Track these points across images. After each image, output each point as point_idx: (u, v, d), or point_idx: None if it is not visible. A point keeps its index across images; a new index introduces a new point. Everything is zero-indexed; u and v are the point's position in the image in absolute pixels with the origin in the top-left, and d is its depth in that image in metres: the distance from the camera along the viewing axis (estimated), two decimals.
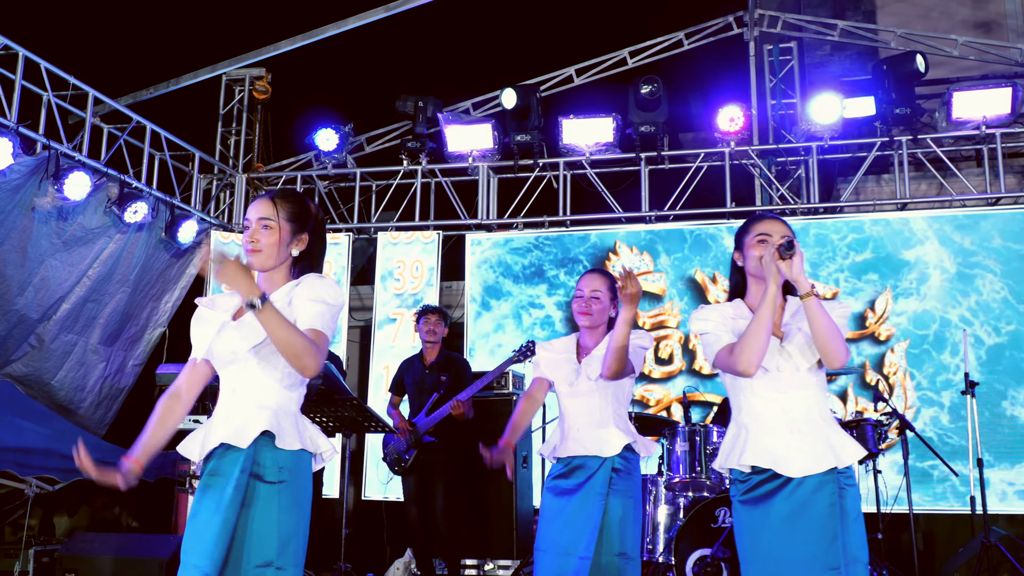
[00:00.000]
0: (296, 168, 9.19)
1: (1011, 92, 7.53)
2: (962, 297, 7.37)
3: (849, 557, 2.71)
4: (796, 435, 2.77)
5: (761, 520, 2.77)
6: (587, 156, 8.25)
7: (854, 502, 2.80)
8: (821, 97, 7.79)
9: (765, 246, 2.89)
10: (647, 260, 7.96)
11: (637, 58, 8.82)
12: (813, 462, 2.74)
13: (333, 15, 8.16)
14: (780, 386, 2.83)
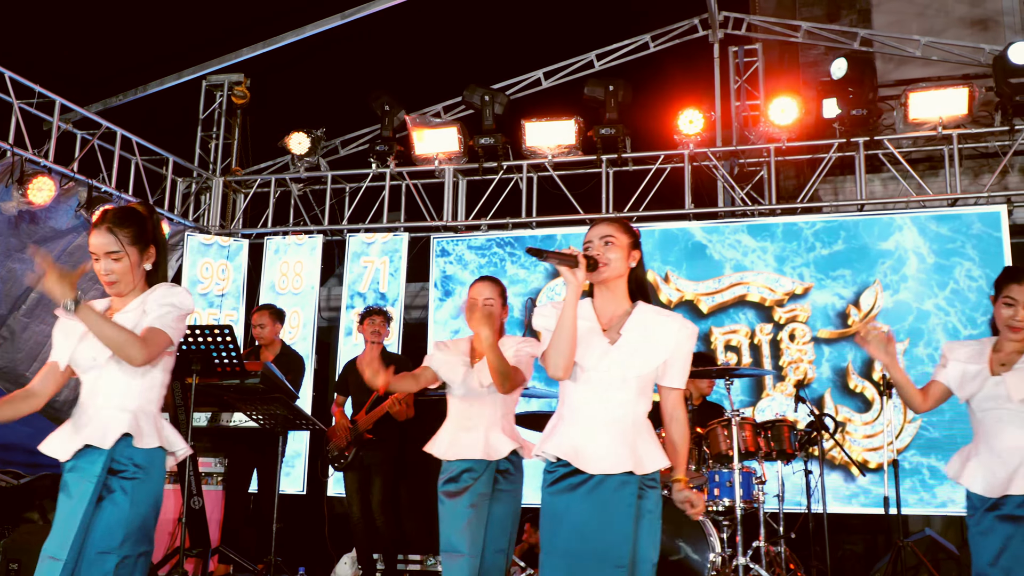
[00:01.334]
0: (273, 171, 9.40)
1: (967, 93, 7.51)
2: (939, 288, 7.34)
3: (639, 557, 2.81)
4: (604, 435, 2.86)
5: (562, 512, 2.86)
6: (549, 159, 8.35)
7: (654, 504, 2.89)
8: (780, 99, 7.83)
9: (592, 248, 3.01)
10: None
11: (604, 61, 8.91)
12: (612, 463, 2.83)
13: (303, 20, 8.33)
14: (600, 387, 2.91)
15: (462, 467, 3.76)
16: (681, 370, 2.97)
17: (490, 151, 8.42)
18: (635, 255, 3.05)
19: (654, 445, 2.91)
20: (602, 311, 3.02)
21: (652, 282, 7.90)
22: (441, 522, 3.78)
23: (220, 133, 9.34)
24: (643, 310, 3.01)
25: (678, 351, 2.95)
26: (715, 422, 5.30)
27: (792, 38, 8.51)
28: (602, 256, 2.97)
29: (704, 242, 7.90)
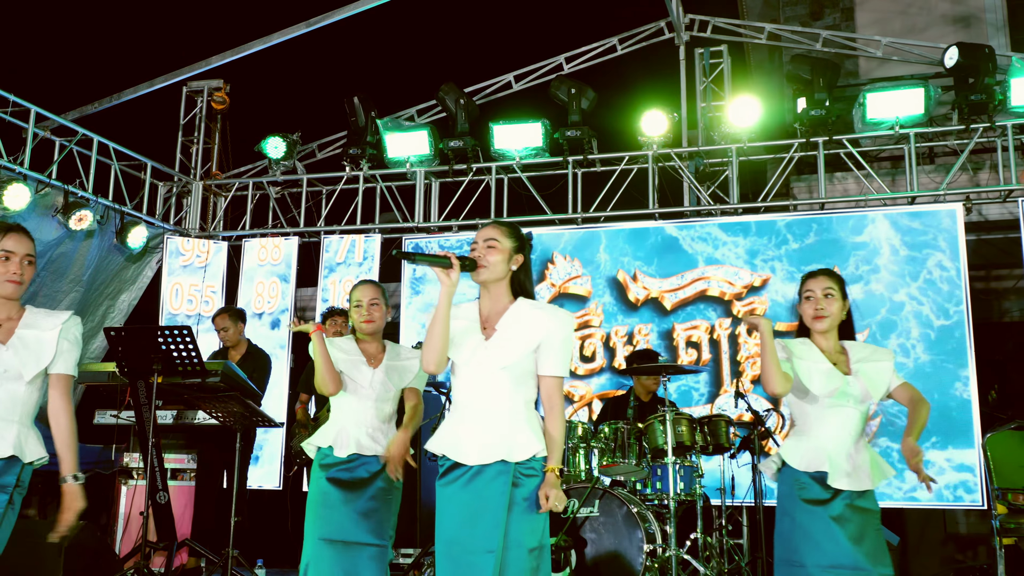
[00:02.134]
0: (253, 175, 9.60)
1: (923, 92, 7.62)
2: (911, 279, 7.45)
3: (511, 542, 2.93)
4: (480, 427, 3.00)
5: (445, 503, 3.01)
6: (517, 161, 8.52)
7: (532, 492, 3.03)
8: (739, 100, 7.97)
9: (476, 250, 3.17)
10: (576, 265, 8.21)
11: (572, 64, 9.07)
12: (486, 453, 2.97)
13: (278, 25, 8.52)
14: (475, 380, 3.06)
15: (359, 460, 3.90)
16: (555, 358, 3.07)
17: (460, 153, 8.60)
18: (518, 259, 3.16)
19: (531, 434, 3.01)
20: (485, 310, 3.17)
21: (622, 281, 8.06)
22: (324, 508, 3.89)
23: (200, 138, 9.55)
24: (520, 305, 3.13)
25: (550, 339, 3.05)
26: (652, 417, 5.45)
27: (756, 39, 8.64)
28: (482, 258, 3.13)
29: (676, 237, 8.02)
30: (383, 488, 3.90)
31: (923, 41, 8.95)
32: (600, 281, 8.14)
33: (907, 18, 12.11)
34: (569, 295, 8.20)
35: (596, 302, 8.10)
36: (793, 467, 3.56)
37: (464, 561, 2.93)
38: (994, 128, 7.62)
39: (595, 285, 8.14)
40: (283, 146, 9.02)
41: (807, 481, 3.54)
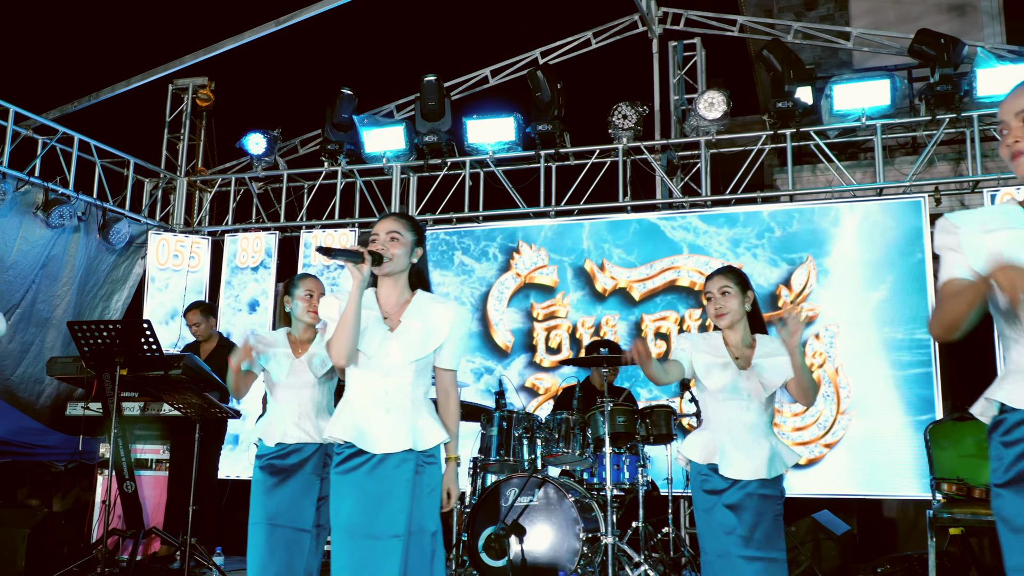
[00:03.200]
0: (237, 170, 9.77)
1: (889, 84, 7.62)
2: (884, 271, 7.45)
3: (415, 527, 3.07)
4: (385, 416, 3.10)
5: (347, 490, 3.12)
6: (491, 155, 8.61)
7: (431, 479, 3.16)
8: (707, 94, 8.01)
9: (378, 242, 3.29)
10: (543, 255, 8.30)
11: (548, 58, 9.14)
12: (392, 442, 3.08)
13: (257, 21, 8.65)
14: (381, 371, 3.15)
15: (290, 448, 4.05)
16: (453, 352, 3.22)
17: (434, 148, 8.70)
18: (418, 252, 3.30)
19: (434, 423, 3.15)
20: (384, 301, 3.27)
21: (589, 271, 8.14)
22: (255, 493, 4.08)
23: (186, 135, 9.73)
24: (421, 298, 3.25)
25: (452, 335, 3.19)
26: (594, 408, 5.54)
27: (728, 32, 8.66)
28: (387, 251, 3.24)
29: (659, 226, 8.05)
30: (311, 475, 4.05)
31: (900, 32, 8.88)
32: (566, 272, 8.21)
33: (901, 7, 12.07)
34: (535, 285, 8.28)
35: (562, 293, 8.18)
36: (693, 460, 3.68)
37: (368, 546, 3.03)
38: (960, 119, 7.61)
39: (562, 275, 8.21)
40: (264, 142, 9.17)
41: (707, 472, 3.65)
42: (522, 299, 8.33)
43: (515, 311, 8.34)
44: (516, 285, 8.33)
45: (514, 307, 8.35)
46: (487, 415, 5.77)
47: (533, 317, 8.25)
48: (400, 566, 3.00)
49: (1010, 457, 2.08)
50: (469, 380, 8.19)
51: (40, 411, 8.70)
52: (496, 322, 8.36)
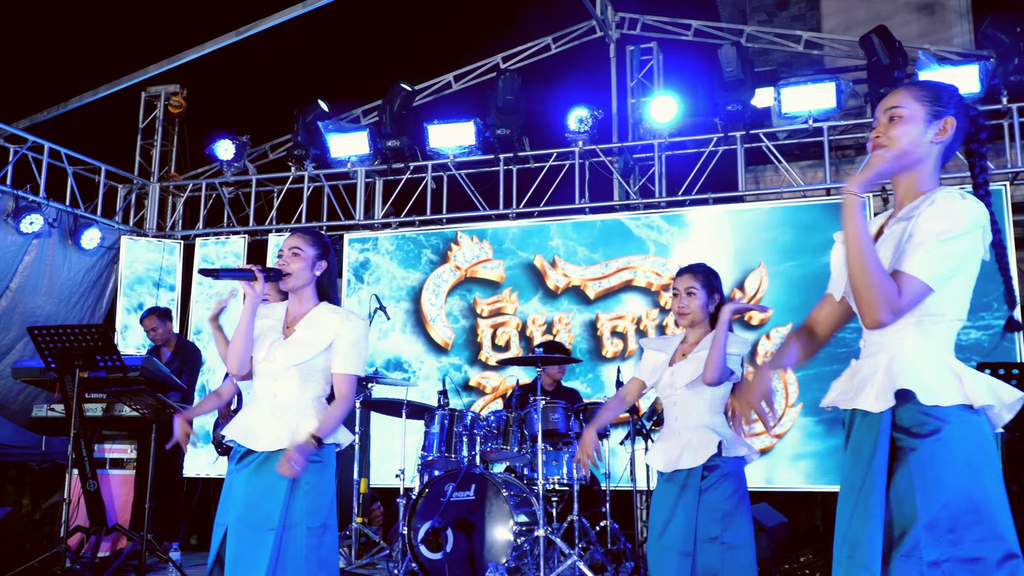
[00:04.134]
0: (209, 175, 9.99)
1: (835, 87, 7.80)
2: None
3: (292, 521, 3.27)
4: (271, 417, 3.31)
5: (239, 486, 3.34)
6: (451, 159, 8.81)
7: (314, 477, 3.33)
8: (658, 98, 8.20)
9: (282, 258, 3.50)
10: (487, 248, 8.48)
11: (509, 63, 9.34)
12: (275, 440, 3.29)
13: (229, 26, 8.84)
14: (270, 375, 3.37)
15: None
16: (343, 357, 3.37)
17: (397, 153, 8.91)
18: (321, 265, 3.50)
19: (313, 424, 3.32)
20: (291, 312, 3.50)
21: (539, 267, 8.32)
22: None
23: (158, 141, 9.95)
24: (320, 309, 3.46)
25: (340, 341, 3.36)
26: (530, 405, 5.73)
27: (683, 36, 8.84)
28: (286, 267, 3.46)
29: (621, 227, 8.23)
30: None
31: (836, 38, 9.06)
32: (515, 269, 8.37)
33: (871, 6, 12.23)
34: (478, 280, 8.44)
35: (509, 289, 8.34)
36: None
37: (248, 537, 3.25)
38: None
39: (509, 271, 8.37)
40: (233, 148, 9.39)
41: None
42: (464, 294, 8.49)
43: (456, 307, 8.50)
44: (456, 279, 8.49)
45: (454, 302, 8.51)
46: (429, 413, 5.97)
47: (477, 313, 8.41)
48: (271, 557, 3.21)
49: None
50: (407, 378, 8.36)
51: (18, 413, 8.93)
52: (432, 318, 8.52)
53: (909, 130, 2.28)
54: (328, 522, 3.37)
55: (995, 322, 7.26)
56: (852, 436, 2.30)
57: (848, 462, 2.29)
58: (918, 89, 2.32)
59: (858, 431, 2.27)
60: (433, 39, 9.31)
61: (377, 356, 8.63)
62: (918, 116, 2.28)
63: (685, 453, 3.61)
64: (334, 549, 3.41)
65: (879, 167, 2.31)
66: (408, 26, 9.41)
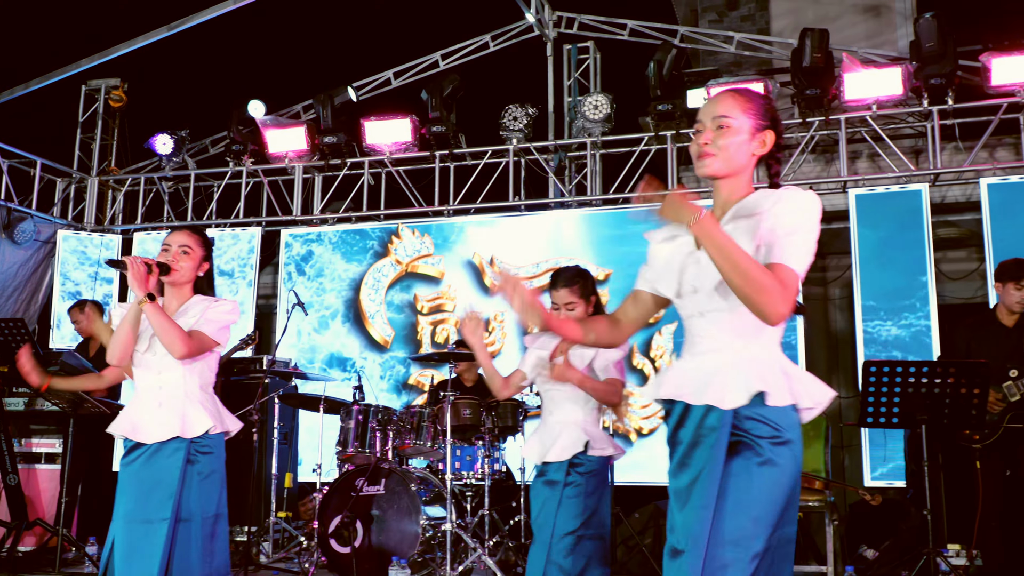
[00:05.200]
0: (150, 170, 9.96)
1: (763, 87, 7.90)
2: None
3: (186, 513, 3.33)
4: (157, 409, 3.36)
5: (127, 481, 3.38)
6: (387, 155, 8.85)
7: (205, 467, 3.41)
8: (592, 97, 8.27)
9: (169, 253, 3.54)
10: (428, 243, 8.53)
11: (448, 60, 9.37)
12: (162, 431, 3.35)
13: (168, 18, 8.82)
14: (153, 368, 3.43)
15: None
16: (201, 323, 3.44)
17: (334, 148, 8.93)
18: (204, 265, 3.59)
19: (202, 412, 3.40)
20: (168, 308, 3.55)
21: (478, 265, 8.38)
22: None
23: (98, 134, 9.91)
24: (194, 301, 3.54)
25: (200, 323, 3.44)
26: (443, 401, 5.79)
27: (618, 36, 8.92)
28: (175, 262, 3.51)
29: (554, 226, 8.30)
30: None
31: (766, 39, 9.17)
32: (455, 265, 8.43)
33: (819, 7, 12.35)
34: (419, 275, 8.50)
35: (450, 285, 8.40)
36: None
37: (140, 530, 3.29)
38: (829, 122, 7.91)
39: (449, 267, 8.42)
40: (171, 143, 9.37)
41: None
42: (403, 289, 8.54)
43: (395, 302, 8.54)
44: (396, 274, 8.54)
45: (394, 298, 8.55)
46: (345, 408, 6.01)
47: (417, 310, 8.47)
48: (164, 548, 3.26)
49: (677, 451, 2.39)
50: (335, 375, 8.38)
51: None
52: (372, 314, 8.56)
53: (737, 142, 2.34)
54: (220, 511, 3.44)
55: (916, 321, 7.40)
56: (689, 428, 2.32)
57: (681, 452, 2.33)
58: (745, 100, 2.38)
59: (696, 424, 2.31)
60: (373, 35, 9.33)
61: (317, 351, 8.66)
62: (745, 128, 2.35)
63: (554, 447, 3.71)
64: (225, 538, 3.48)
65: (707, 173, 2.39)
66: (349, 22, 9.42)
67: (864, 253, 7.53)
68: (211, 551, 3.41)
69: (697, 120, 2.41)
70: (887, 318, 7.43)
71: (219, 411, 3.51)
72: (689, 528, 2.23)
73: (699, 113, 2.42)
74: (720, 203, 2.42)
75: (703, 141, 2.36)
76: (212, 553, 3.41)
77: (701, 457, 2.28)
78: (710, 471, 2.25)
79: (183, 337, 3.34)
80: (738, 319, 2.29)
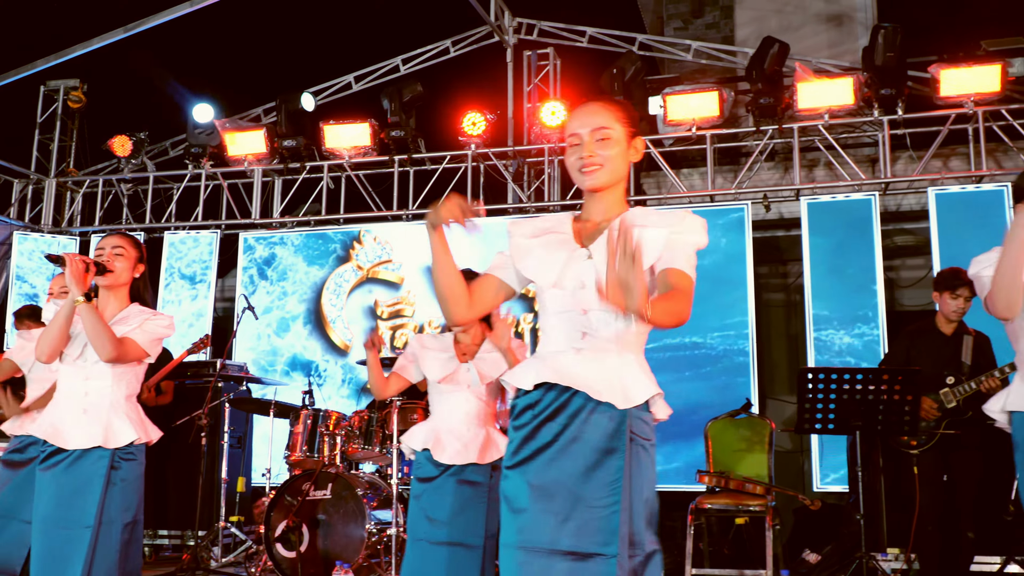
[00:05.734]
0: (109, 172, 9.91)
1: (716, 96, 7.98)
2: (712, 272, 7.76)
3: (107, 519, 3.35)
4: (82, 415, 3.38)
5: (46, 485, 3.38)
6: (347, 160, 8.86)
7: (128, 474, 3.42)
8: (550, 103, 8.32)
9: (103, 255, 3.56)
10: (388, 248, 8.54)
11: (409, 65, 9.41)
12: (88, 439, 3.37)
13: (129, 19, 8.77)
14: (79, 373, 3.46)
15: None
16: (135, 332, 3.46)
17: (294, 152, 8.93)
18: (140, 267, 3.62)
19: (127, 423, 3.42)
20: (102, 309, 3.56)
21: None
22: None
23: (56, 136, 9.85)
24: (133, 311, 3.56)
25: (135, 333, 3.47)
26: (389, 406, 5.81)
27: (577, 43, 8.98)
28: (110, 263, 3.53)
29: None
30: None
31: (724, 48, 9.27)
32: (415, 271, 8.45)
33: (783, 16, 12.48)
34: (379, 280, 8.51)
35: (409, 291, 8.42)
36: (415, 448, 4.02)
37: (60, 536, 3.30)
38: (782, 131, 8.00)
39: (409, 273, 8.44)
40: (130, 145, 9.33)
41: (421, 460, 3.98)
42: (365, 294, 8.55)
43: (358, 307, 8.55)
44: (357, 279, 8.55)
45: (355, 303, 8.57)
46: (294, 413, 6.02)
47: (377, 315, 8.49)
48: (87, 554, 3.27)
49: (516, 440, 2.35)
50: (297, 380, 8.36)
51: None
52: (333, 319, 8.57)
53: (618, 152, 2.39)
54: (138, 517, 3.47)
55: (869, 331, 7.49)
56: (578, 424, 2.29)
57: (560, 446, 2.28)
58: (619, 109, 2.42)
59: (583, 420, 2.29)
60: (335, 39, 9.33)
61: (279, 355, 8.65)
62: (622, 138, 2.40)
63: (477, 450, 3.89)
64: (140, 543, 3.50)
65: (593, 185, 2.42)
66: (311, 25, 9.43)
67: (815, 261, 7.61)
68: (127, 556, 3.43)
69: (570, 132, 2.41)
70: (840, 327, 7.52)
71: (142, 420, 3.54)
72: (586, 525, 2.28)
73: (570, 125, 2.42)
74: (601, 211, 2.43)
75: (587, 153, 2.37)
76: (128, 558, 3.44)
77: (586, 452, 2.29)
78: (606, 469, 2.30)
79: (114, 341, 3.35)
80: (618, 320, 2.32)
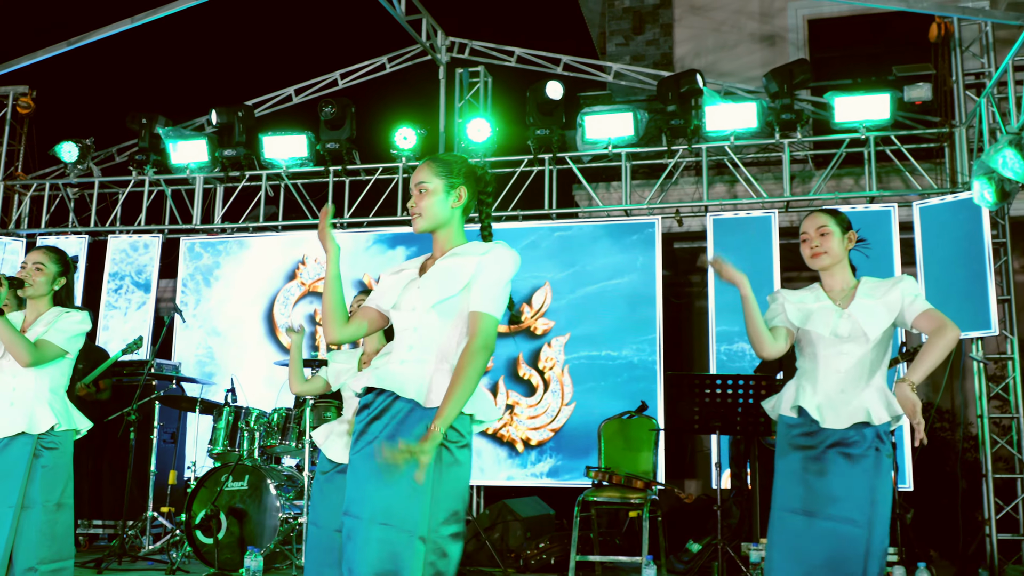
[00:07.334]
0: (56, 176, 10.25)
1: (632, 116, 8.50)
2: (623, 277, 8.30)
3: (30, 500, 3.79)
4: (11, 408, 3.83)
5: None
6: (285, 169, 9.29)
7: (50, 460, 3.85)
8: (475, 121, 8.81)
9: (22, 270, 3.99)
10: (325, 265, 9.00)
11: (347, 79, 9.85)
12: (11, 427, 3.81)
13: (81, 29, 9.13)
14: (11, 372, 3.88)
15: None
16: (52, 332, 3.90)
17: (234, 161, 9.34)
18: (61, 280, 4.06)
19: (48, 411, 3.86)
20: (28, 319, 4.02)
21: (367, 283, 8.86)
22: None
23: (4, 140, 10.18)
24: (49, 313, 3.99)
25: (50, 332, 3.91)
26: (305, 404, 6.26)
27: (506, 63, 9.47)
28: (29, 277, 3.97)
29: None
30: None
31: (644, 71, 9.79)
32: (347, 282, 8.92)
33: (720, 35, 13.07)
34: (318, 293, 8.98)
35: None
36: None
37: None
38: (691, 150, 8.54)
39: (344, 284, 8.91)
40: (76, 150, 9.69)
41: (321, 455, 4.38)
42: (306, 305, 9.04)
43: (302, 315, 9.04)
44: (300, 292, 9.04)
45: (299, 312, 9.05)
46: (217, 410, 6.46)
47: (316, 322, 8.95)
48: (9, 531, 3.72)
49: (354, 435, 2.84)
50: (260, 380, 8.81)
51: None
52: (283, 325, 9.05)
53: (434, 202, 2.89)
54: (63, 501, 3.90)
55: None
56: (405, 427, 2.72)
57: (381, 443, 2.68)
58: (436, 165, 2.93)
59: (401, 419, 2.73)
60: (277, 53, 9.76)
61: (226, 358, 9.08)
62: (439, 189, 2.89)
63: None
64: (69, 526, 3.94)
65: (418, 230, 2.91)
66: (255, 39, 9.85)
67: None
68: (51, 536, 3.86)
69: (411, 187, 2.96)
70: (742, 339, 8.03)
71: (67, 410, 3.97)
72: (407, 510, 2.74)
73: (410, 182, 2.97)
74: (437, 250, 2.95)
75: (411, 205, 2.92)
76: (52, 538, 3.86)
77: None
78: None
79: (28, 348, 3.80)
80: (444, 338, 2.81)
